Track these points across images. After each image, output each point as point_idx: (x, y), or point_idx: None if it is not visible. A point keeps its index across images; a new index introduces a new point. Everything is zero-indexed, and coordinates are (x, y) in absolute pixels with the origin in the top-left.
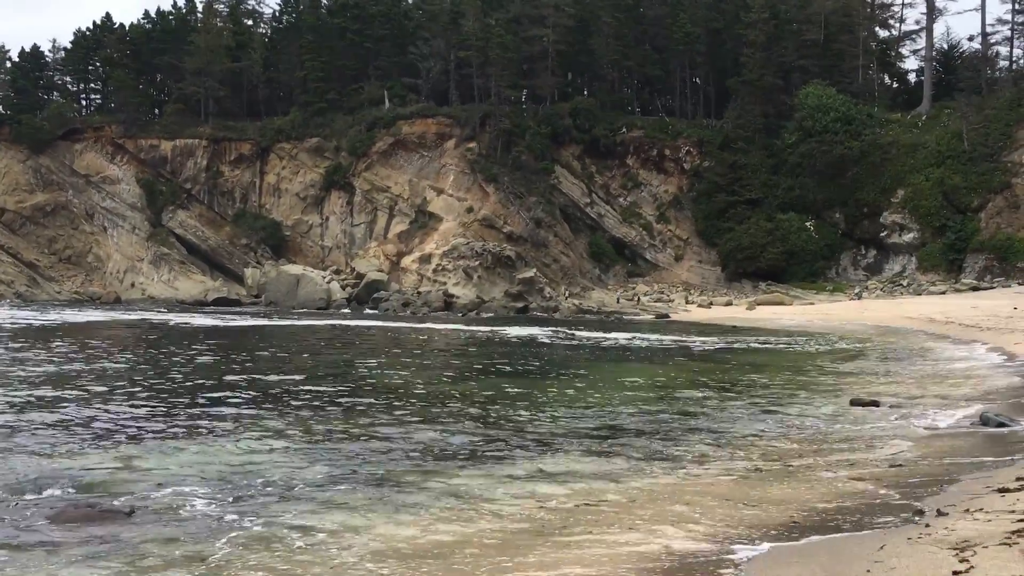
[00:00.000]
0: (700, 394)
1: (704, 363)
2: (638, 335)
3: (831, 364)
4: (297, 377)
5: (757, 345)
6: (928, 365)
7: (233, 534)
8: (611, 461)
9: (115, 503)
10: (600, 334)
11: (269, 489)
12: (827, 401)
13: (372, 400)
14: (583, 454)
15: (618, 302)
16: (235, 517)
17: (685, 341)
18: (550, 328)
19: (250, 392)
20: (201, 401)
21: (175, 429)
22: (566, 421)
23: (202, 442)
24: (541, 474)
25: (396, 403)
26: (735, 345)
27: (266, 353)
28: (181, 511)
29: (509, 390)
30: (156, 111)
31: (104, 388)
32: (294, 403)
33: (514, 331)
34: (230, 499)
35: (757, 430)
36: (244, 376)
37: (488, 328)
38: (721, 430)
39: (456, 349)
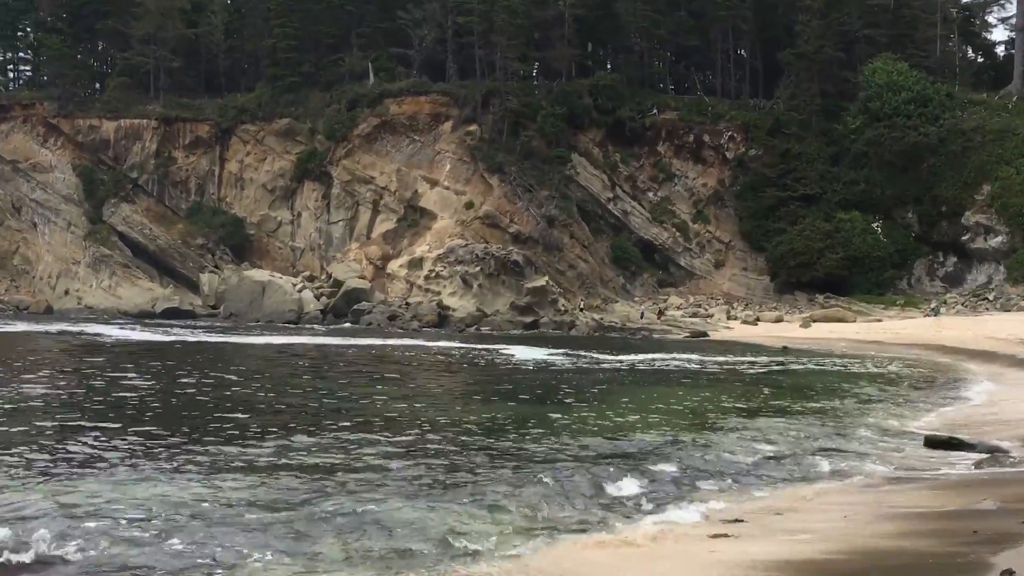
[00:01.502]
0: (735, 425)
1: (746, 387)
2: (671, 357)
3: (902, 394)
4: (259, 404)
5: (813, 367)
6: (1017, 399)
7: None
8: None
9: (46, 551)
10: (626, 357)
11: (214, 527)
12: (894, 439)
13: (344, 433)
14: (576, 498)
15: (642, 317)
16: (180, 563)
17: (724, 364)
18: (565, 349)
19: (203, 422)
20: (144, 432)
21: (113, 463)
22: (570, 459)
23: (147, 478)
24: (508, 526)
25: (371, 434)
26: (786, 367)
27: (224, 376)
28: (119, 557)
29: (506, 420)
30: (97, 86)
31: (32, 415)
32: (251, 434)
33: (521, 351)
34: (175, 541)
35: (806, 471)
36: (196, 403)
37: (490, 347)
38: (760, 470)
39: (450, 372)
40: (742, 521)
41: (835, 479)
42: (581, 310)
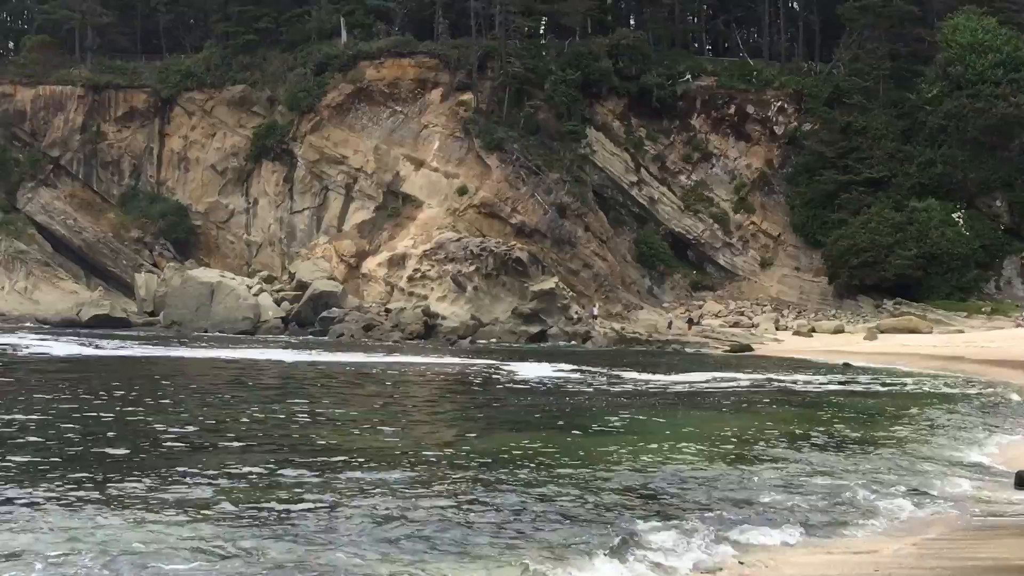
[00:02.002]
0: (781, 457)
1: (797, 412)
2: (708, 376)
3: (985, 421)
4: (206, 433)
5: (879, 388)
6: None
7: None
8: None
9: None
10: (652, 376)
11: None
12: (974, 474)
13: (310, 468)
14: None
15: (669, 327)
16: None
17: (771, 384)
18: (578, 365)
19: (137, 455)
20: (68, 467)
21: (34, 505)
22: (577, 500)
23: (64, 527)
24: None
25: (343, 471)
26: (846, 388)
27: (163, 398)
28: None
29: (504, 452)
30: (11, 45)
31: None
32: (196, 471)
33: (526, 368)
34: None
35: (862, 513)
36: (129, 431)
37: (488, 362)
38: (802, 513)
39: (440, 394)
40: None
41: (894, 523)
42: (594, 317)
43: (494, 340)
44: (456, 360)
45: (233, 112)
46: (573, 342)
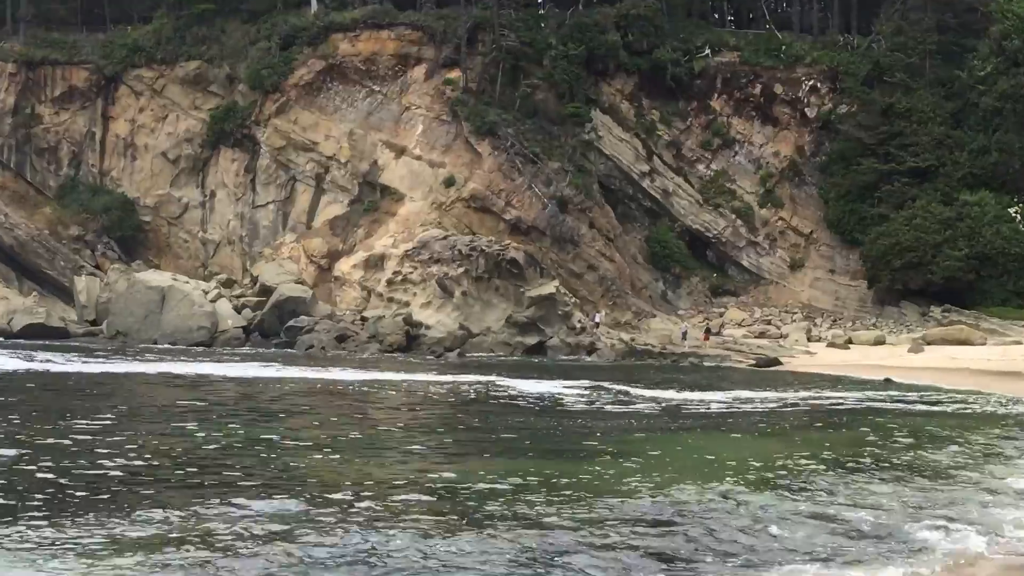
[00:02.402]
0: (805, 487)
1: (828, 434)
2: (731, 396)
3: None
4: (158, 464)
5: (923, 406)
6: None
7: None
8: None
9: None
10: (665, 393)
11: None
12: None
13: (269, 504)
14: None
15: (684, 337)
16: None
17: (802, 402)
18: (582, 381)
19: (71, 486)
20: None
21: None
22: (572, 536)
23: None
24: None
25: (308, 506)
26: (886, 407)
27: (104, 420)
28: None
29: (494, 481)
30: None
31: None
32: (151, 509)
33: (522, 385)
34: None
35: (891, 552)
36: (62, 458)
37: (480, 378)
38: (815, 553)
39: (424, 415)
40: None
41: (955, 561)
42: (596, 325)
43: (485, 353)
44: (443, 377)
45: (187, 92)
46: (576, 355)
